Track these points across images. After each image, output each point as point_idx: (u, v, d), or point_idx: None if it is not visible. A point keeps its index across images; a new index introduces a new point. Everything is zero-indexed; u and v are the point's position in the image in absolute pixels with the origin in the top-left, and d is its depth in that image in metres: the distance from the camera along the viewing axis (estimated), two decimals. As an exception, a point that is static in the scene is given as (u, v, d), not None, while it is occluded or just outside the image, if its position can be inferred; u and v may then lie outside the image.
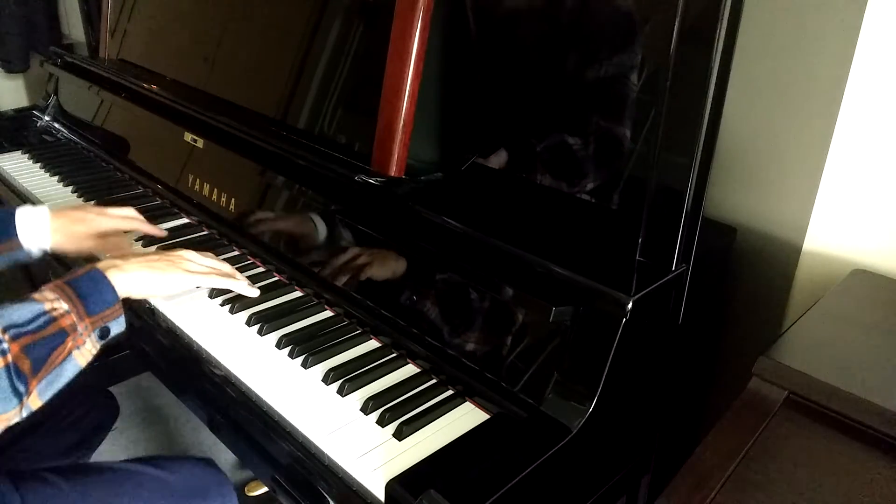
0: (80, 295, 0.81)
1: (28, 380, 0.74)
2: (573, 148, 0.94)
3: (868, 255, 0.97)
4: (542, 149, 0.98)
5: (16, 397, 0.73)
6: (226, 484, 1.04)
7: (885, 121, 0.90)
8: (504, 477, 0.70)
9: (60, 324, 0.77)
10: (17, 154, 1.64)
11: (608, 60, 0.87)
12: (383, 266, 0.99)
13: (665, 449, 1.02)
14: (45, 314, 0.77)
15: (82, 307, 0.80)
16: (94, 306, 0.81)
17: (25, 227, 1.03)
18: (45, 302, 0.78)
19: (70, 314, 0.79)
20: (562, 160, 0.96)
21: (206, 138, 1.30)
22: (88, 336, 0.80)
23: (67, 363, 0.78)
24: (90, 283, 0.83)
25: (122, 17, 1.62)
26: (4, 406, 0.72)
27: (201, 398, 1.02)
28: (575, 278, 0.82)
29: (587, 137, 0.92)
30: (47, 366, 0.76)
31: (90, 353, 0.81)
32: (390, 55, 0.97)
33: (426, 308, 0.94)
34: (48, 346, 0.76)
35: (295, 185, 1.13)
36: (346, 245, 1.05)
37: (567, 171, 0.96)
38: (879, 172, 0.93)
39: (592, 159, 0.93)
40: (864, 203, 0.95)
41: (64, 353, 0.77)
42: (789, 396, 0.74)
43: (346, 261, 1.04)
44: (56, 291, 0.80)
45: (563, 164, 0.96)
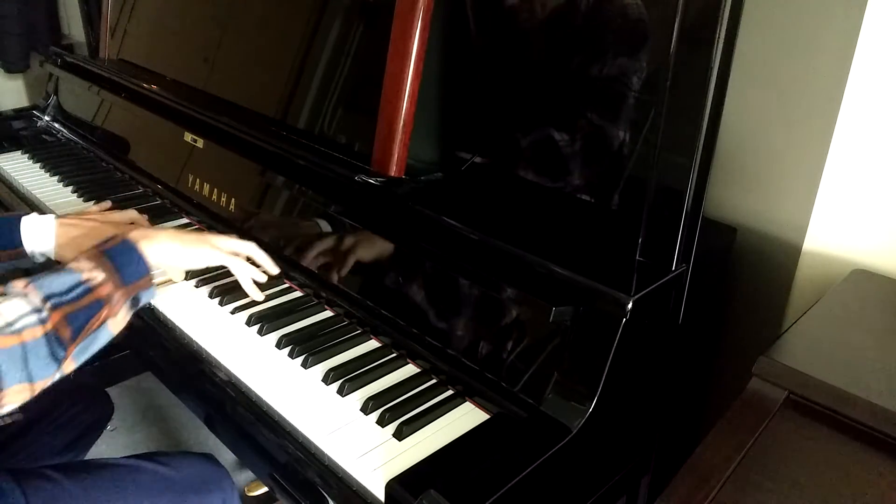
0: (116, 265, 0.82)
1: (67, 346, 0.76)
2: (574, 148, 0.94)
3: (868, 255, 0.97)
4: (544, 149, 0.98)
5: (55, 363, 0.75)
6: (226, 479, 1.04)
7: (885, 121, 0.90)
8: (504, 477, 0.70)
9: (98, 294, 0.79)
10: (17, 154, 1.64)
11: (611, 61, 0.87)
12: (383, 266, 0.99)
13: (665, 449, 1.02)
14: (83, 284, 0.78)
15: (118, 277, 0.82)
16: (129, 277, 0.83)
17: (30, 235, 1.03)
18: (83, 272, 0.79)
19: (107, 283, 0.80)
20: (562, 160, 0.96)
21: (206, 138, 1.30)
22: (123, 305, 0.82)
23: (101, 330, 0.80)
24: (125, 253, 0.85)
25: (122, 17, 1.62)
26: (44, 371, 0.74)
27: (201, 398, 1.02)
28: (575, 278, 0.82)
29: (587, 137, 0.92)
30: (84, 332, 0.78)
31: (123, 321, 0.84)
32: (390, 55, 0.97)
33: (426, 308, 0.94)
34: (86, 315, 0.78)
35: (295, 185, 1.13)
36: (346, 245, 1.05)
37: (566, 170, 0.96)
38: (879, 172, 0.93)
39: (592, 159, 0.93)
40: (864, 203, 0.95)
41: (99, 321, 0.79)
42: (789, 396, 0.74)
43: (345, 260, 1.04)
44: (93, 260, 0.81)
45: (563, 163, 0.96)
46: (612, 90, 0.88)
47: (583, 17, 0.89)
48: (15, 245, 1.02)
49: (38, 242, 1.04)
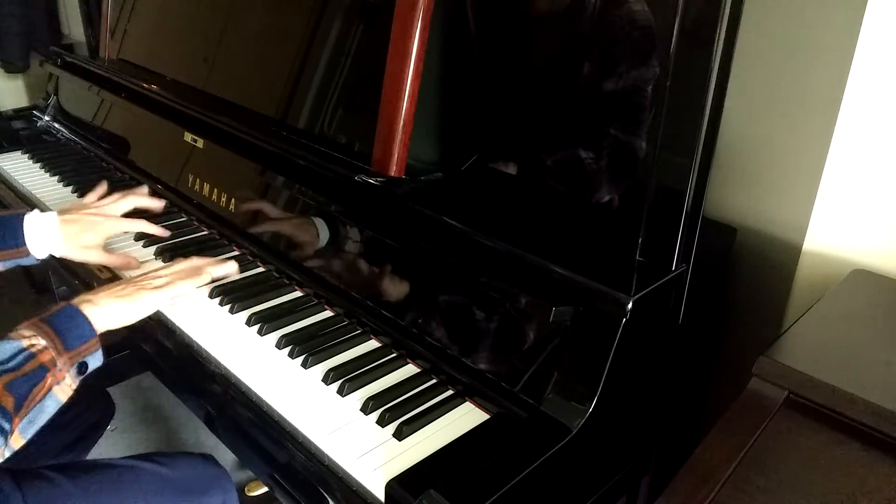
0: (58, 331, 0.80)
1: (11, 418, 0.73)
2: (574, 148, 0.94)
3: (868, 255, 0.97)
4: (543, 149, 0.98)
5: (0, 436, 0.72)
6: (226, 479, 1.04)
7: (885, 121, 0.90)
8: (504, 477, 0.70)
9: (40, 359, 0.77)
10: (17, 154, 1.64)
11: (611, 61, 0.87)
12: (383, 266, 0.99)
13: (665, 449, 1.02)
14: (24, 351, 0.76)
15: (60, 343, 0.80)
16: (73, 341, 0.81)
17: (34, 234, 1.03)
18: (23, 339, 0.77)
19: (49, 349, 0.78)
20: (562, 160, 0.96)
21: (206, 138, 1.30)
22: (68, 371, 0.80)
23: (48, 399, 0.78)
24: (66, 318, 0.83)
25: (122, 17, 1.62)
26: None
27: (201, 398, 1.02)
28: (575, 278, 0.82)
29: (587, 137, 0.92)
30: (28, 402, 0.75)
31: (70, 389, 0.81)
32: (390, 55, 0.97)
33: (426, 308, 0.94)
34: (29, 383, 0.75)
35: (295, 185, 1.13)
36: (345, 245, 1.05)
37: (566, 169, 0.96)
38: (879, 173, 0.93)
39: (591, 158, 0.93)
40: (864, 203, 0.95)
41: (45, 389, 0.77)
42: (789, 396, 0.74)
43: (345, 260, 1.04)
44: (33, 328, 0.79)
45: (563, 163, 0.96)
46: (613, 89, 0.88)
47: (581, 16, 0.89)
48: (18, 244, 1.02)
49: (41, 241, 1.04)
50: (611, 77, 0.88)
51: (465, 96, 1.05)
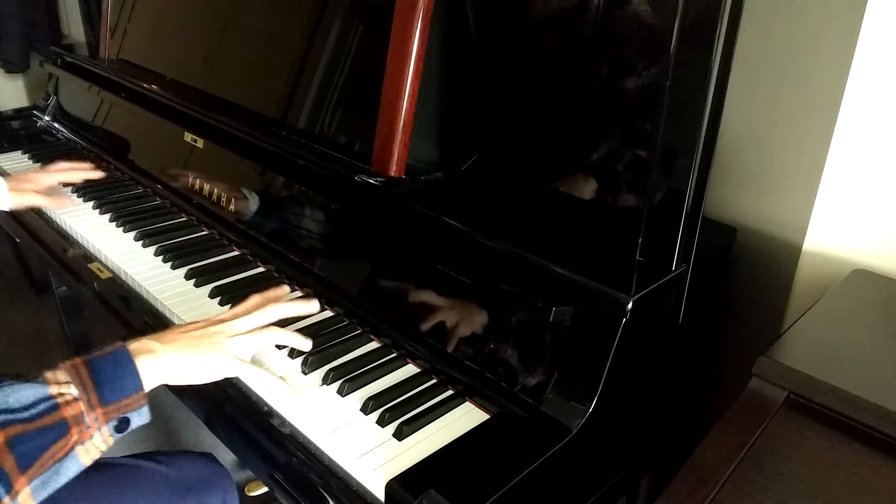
0: (97, 380, 0.70)
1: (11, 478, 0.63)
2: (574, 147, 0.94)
3: (868, 255, 0.97)
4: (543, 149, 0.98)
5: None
6: (226, 478, 1.04)
7: (885, 121, 0.90)
8: (504, 477, 0.70)
9: (62, 413, 0.66)
10: (17, 154, 1.64)
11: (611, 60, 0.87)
12: (383, 266, 0.99)
13: (665, 449, 1.02)
14: (49, 399, 0.66)
15: (95, 395, 0.69)
16: (111, 395, 0.70)
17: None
18: (53, 385, 0.68)
19: (78, 402, 0.68)
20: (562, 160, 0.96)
21: (206, 138, 1.30)
22: (98, 430, 0.69)
23: (68, 460, 0.67)
24: (112, 366, 0.72)
25: (122, 17, 1.62)
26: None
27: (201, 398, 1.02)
28: (575, 278, 0.82)
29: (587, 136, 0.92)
30: (42, 462, 0.65)
31: (98, 451, 0.70)
32: (390, 55, 0.97)
33: (426, 308, 0.94)
34: (41, 441, 0.65)
35: (295, 185, 1.13)
36: (346, 245, 1.05)
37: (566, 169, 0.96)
38: (879, 172, 0.93)
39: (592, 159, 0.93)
40: (864, 203, 0.95)
41: (66, 449, 0.67)
42: (789, 396, 0.74)
43: (345, 261, 1.04)
44: (70, 373, 0.69)
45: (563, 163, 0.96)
46: (613, 90, 0.88)
47: (582, 18, 0.89)
48: None
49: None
50: (610, 77, 0.88)
51: (465, 96, 1.05)
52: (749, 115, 1.02)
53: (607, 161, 0.91)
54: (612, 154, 0.90)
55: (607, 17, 0.87)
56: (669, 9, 0.77)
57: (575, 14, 0.90)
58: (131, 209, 1.35)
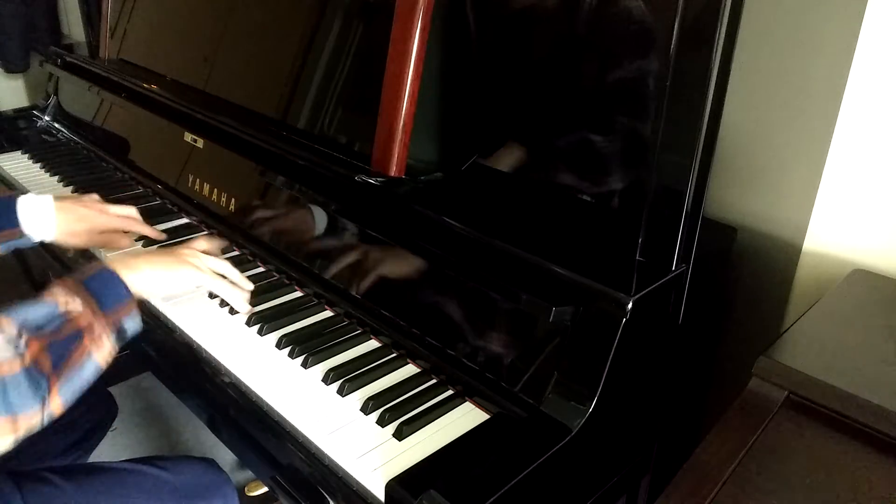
0: (93, 293, 0.80)
1: (49, 378, 0.73)
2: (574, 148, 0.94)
3: (868, 255, 0.97)
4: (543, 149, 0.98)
5: (38, 396, 0.72)
6: (227, 484, 1.04)
7: (885, 121, 0.90)
8: (504, 477, 0.70)
9: (77, 323, 0.77)
10: (17, 154, 1.64)
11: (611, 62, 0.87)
12: (383, 266, 0.99)
13: (665, 449, 1.02)
14: (61, 315, 0.76)
15: (96, 304, 0.79)
16: (108, 303, 0.81)
17: (28, 216, 1.04)
18: (59, 302, 0.77)
19: (86, 312, 0.78)
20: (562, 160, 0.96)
21: (206, 138, 1.30)
22: (107, 335, 0.80)
23: (88, 363, 0.77)
24: (101, 281, 0.82)
25: (122, 17, 1.62)
26: (27, 406, 0.71)
27: (201, 398, 1.02)
28: (575, 278, 0.82)
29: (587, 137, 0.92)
30: (68, 366, 0.75)
31: (110, 354, 0.81)
32: (390, 55, 0.97)
33: (426, 308, 0.94)
34: (66, 346, 0.75)
35: (295, 185, 1.13)
36: (346, 245, 1.05)
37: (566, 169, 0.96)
38: (879, 172, 0.93)
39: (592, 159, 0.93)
40: (864, 203, 0.95)
41: (84, 354, 0.77)
42: (789, 396, 0.74)
43: (345, 261, 1.04)
44: (69, 289, 0.79)
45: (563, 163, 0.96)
46: (613, 90, 0.88)
47: (582, 18, 0.89)
48: (12, 225, 1.03)
49: (37, 224, 1.05)
50: (611, 77, 0.88)
51: (465, 96, 1.05)
52: (749, 115, 1.02)
53: (607, 161, 0.91)
54: (612, 154, 0.90)
55: (607, 17, 0.87)
56: (669, 9, 0.77)
57: (575, 14, 0.90)
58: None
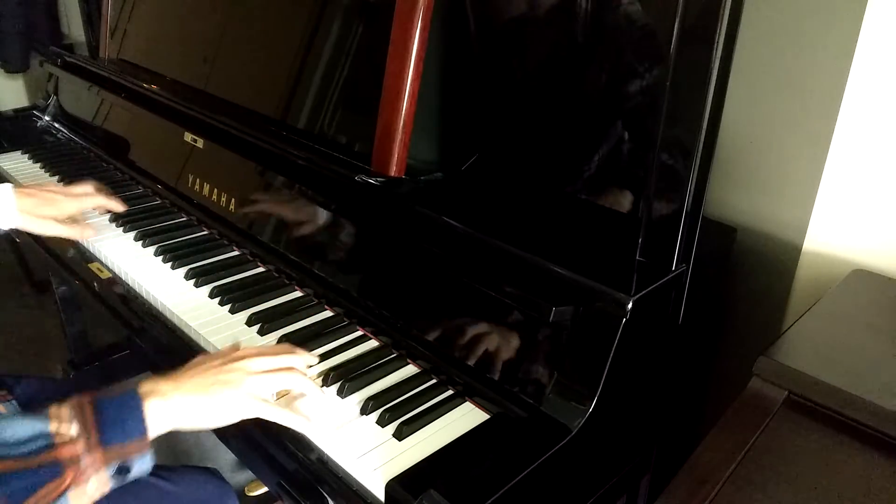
0: (100, 420, 0.67)
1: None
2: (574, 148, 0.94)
3: (868, 255, 0.97)
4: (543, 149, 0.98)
5: None
6: (230, 495, 1.03)
7: (885, 121, 0.90)
8: (504, 477, 0.70)
9: (58, 454, 0.63)
10: (17, 154, 1.64)
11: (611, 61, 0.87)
12: (383, 266, 0.99)
13: (665, 449, 1.02)
14: (46, 436, 0.64)
15: (96, 436, 0.66)
16: (112, 436, 0.67)
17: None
18: (54, 420, 0.65)
19: (76, 442, 0.65)
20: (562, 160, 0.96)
21: (206, 138, 1.30)
22: (97, 472, 0.66)
23: None
24: (118, 407, 0.69)
25: (122, 17, 1.62)
26: None
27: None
28: (575, 278, 0.82)
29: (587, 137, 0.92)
30: (32, 502, 0.62)
31: (95, 496, 0.67)
32: (390, 55, 0.97)
33: (426, 308, 0.94)
34: (30, 482, 0.62)
35: (295, 185, 1.13)
36: (346, 245, 1.05)
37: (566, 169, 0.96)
38: (879, 172, 0.93)
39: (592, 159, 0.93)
40: (864, 203, 0.95)
41: (58, 491, 0.63)
42: (789, 396, 0.74)
43: (346, 261, 1.04)
44: (75, 409, 0.67)
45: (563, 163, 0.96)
46: (613, 90, 0.88)
47: (582, 19, 0.89)
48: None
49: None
50: (610, 77, 0.88)
51: (465, 96, 1.05)
52: (749, 115, 1.02)
53: (607, 161, 0.91)
54: (612, 154, 0.90)
55: (607, 17, 0.87)
56: (669, 9, 0.77)
57: (575, 14, 0.90)
58: (131, 209, 1.35)
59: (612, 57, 0.87)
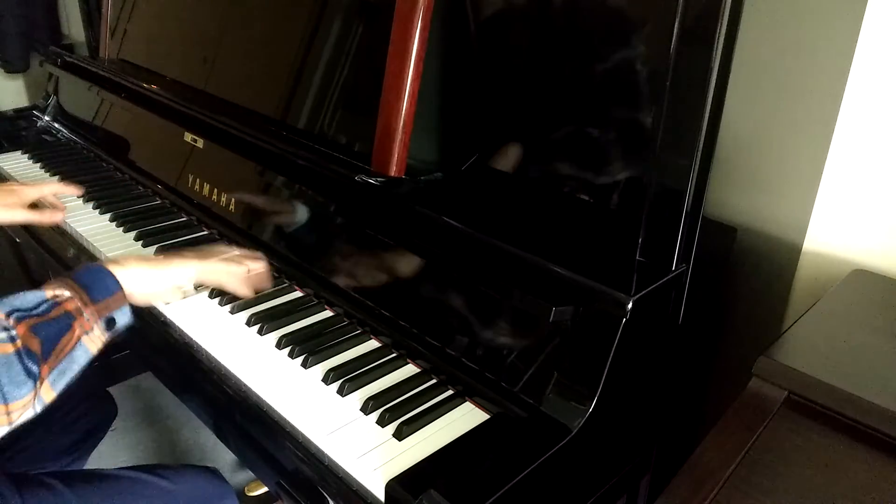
0: (82, 284, 0.81)
1: (39, 361, 0.72)
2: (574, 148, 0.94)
3: (868, 255, 0.97)
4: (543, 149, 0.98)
5: (29, 381, 0.70)
6: (229, 495, 1.04)
7: (885, 121, 0.90)
8: (504, 477, 0.70)
9: (65, 307, 0.77)
10: (17, 154, 1.64)
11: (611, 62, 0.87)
12: (383, 266, 0.99)
13: (665, 449, 1.02)
14: (49, 300, 0.77)
15: (86, 294, 0.80)
16: (97, 293, 0.81)
17: None
18: (48, 290, 0.78)
19: (74, 299, 0.78)
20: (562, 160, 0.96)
21: (206, 138, 1.30)
22: (96, 322, 0.80)
23: (78, 349, 0.77)
24: (90, 274, 0.83)
25: (122, 17, 1.62)
26: (18, 390, 0.69)
27: (201, 398, 1.02)
28: (575, 278, 0.82)
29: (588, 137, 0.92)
30: (58, 351, 0.74)
31: (100, 341, 0.81)
32: (390, 55, 0.97)
33: (426, 308, 0.94)
34: (55, 329, 0.75)
35: (295, 185, 1.13)
36: (346, 245, 1.05)
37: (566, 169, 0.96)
38: (879, 172, 0.93)
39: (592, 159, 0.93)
40: (864, 203, 0.95)
41: (73, 339, 0.77)
42: (789, 396, 0.74)
43: (345, 260, 1.04)
44: (57, 282, 0.80)
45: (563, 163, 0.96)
46: (613, 90, 0.88)
47: (582, 19, 0.89)
48: None
49: None
50: (611, 77, 0.88)
51: (465, 96, 1.05)
52: (749, 115, 1.02)
53: (607, 161, 0.91)
54: (612, 154, 0.90)
55: (607, 17, 0.87)
56: (669, 8, 0.77)
57: (574, 14, 0.90)
58: (132, 209, 1.35)
59: (613, 57, 0.87)
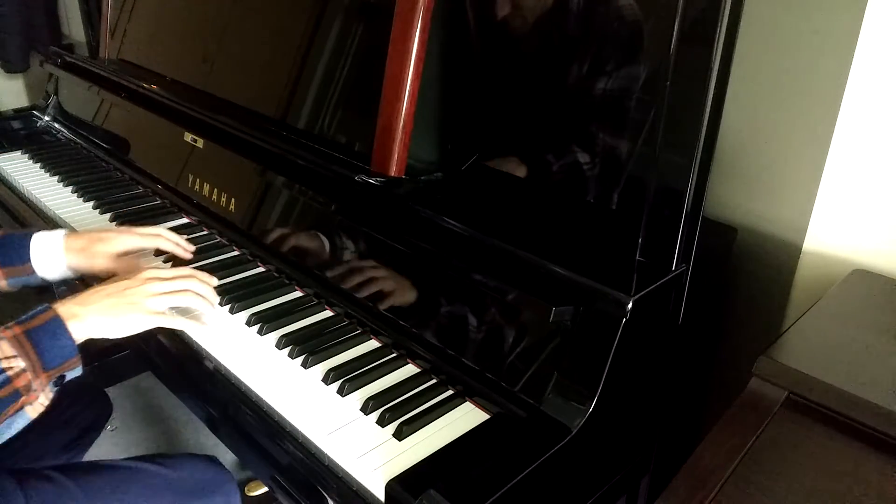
0: (38, 350, 0.80)
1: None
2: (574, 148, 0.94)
3: (868, 255, 0.97)
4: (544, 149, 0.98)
5: None
6: (229, 481, 1.04)
7: (885, 121, 0.90)
8: (504, 477, 0.70)
9: (15, 385, 0.77)
10: (17, 154, 1.64)
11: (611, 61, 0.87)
12: (383, 266, 0.99)
13: (665, 449, 1.02)
14: (2, 373, 0.77)
15: (40, 364, 0.79)
16: (51, 359, 0.81)
17: (39, 254, 1.02)
18: (3, 360, 0.77)
19: (26, 373, 0.78)
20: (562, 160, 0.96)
21: (206, 138, 1.30)
22: (43, 391, 0.80)
23: (18, 418, 0.80)
24: (48, 334, 0.82)
25: (122, 17, 1.62)
26: None
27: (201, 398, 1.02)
28: (575, 278, 0.82)
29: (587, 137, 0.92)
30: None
31: (41, 406, 0.82)
32: (390, 55, 0.97)
33: (426, 308, 0.94)
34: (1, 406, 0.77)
35: (295, 185, 1.13)
36: (345, 245, 1.05)
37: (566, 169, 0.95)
38: (879, 172, 0.93)
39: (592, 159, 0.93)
40: (864, 203, 0.95)
41: (16, 408, 0.78)
42: (789, 396, 0.74)
43: (345, 261, 1.04)
44: (14, 346, 0.79)
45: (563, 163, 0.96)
46: (613, 89, 0.88)
47: (580, 18, 0.89)
48: (23, 262, 1.02)
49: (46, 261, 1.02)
50: (611, 77, 0.88)
51: (464, 96, 1.05)
52: (749, 115, 1.02)
53: (607, 161, 0.91)
54: (612, 154, 0.90)
55: (607, 17, 0.87)
56: (669, 9, 0.77)
57: (574, 15, 0.90)
58: (131, 209, 1.35)
59: (613, 57, 0.87)
